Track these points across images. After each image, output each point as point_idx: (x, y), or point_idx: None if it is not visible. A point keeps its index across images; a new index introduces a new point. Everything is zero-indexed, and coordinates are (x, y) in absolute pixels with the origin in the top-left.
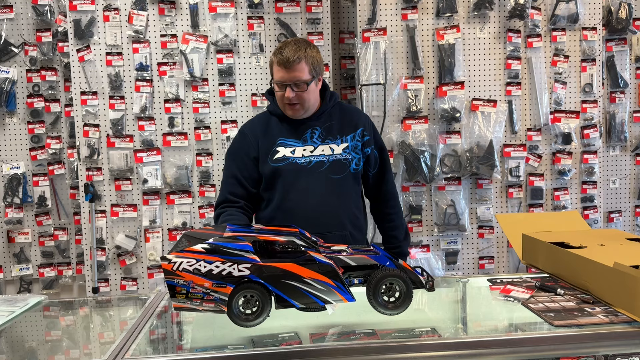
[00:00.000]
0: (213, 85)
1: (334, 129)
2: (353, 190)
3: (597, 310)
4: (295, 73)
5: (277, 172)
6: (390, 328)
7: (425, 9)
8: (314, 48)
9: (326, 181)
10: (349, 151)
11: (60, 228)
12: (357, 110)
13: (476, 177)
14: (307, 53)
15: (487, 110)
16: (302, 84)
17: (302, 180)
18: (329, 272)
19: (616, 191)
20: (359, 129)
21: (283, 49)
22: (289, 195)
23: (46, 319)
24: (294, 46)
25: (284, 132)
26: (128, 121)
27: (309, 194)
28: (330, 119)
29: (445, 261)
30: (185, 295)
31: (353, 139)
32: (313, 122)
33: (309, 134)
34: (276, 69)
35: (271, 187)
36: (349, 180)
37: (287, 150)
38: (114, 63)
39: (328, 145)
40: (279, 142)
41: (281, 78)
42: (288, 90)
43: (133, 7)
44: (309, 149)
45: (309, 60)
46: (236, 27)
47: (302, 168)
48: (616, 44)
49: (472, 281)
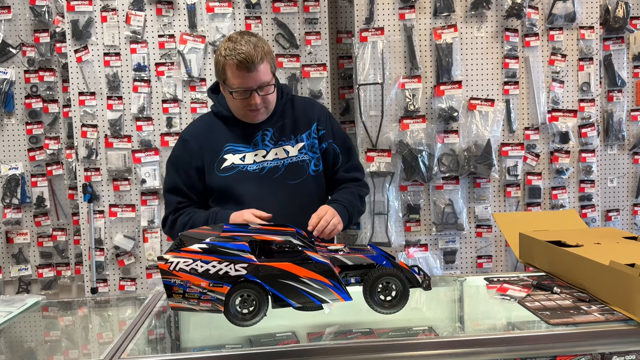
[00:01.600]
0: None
1: (286, 129)
2: (316, 195)
3: (594, 309)
4: (259, 75)
5: (226, 183)
6: (387, 327)
7: (423, 8)
8: (265, 43)
9: (283, 189)
10: (305, 151)
11: (59, 228)
12: (310, 103)
13: (474, 176)
14: (265, 50)
15: (484, 109)
16: (267, 86)
17: (255, 190)
18: (325, 272)
19: (614, 190)
20: (313, 124)
21: (239, 49)
22: (242, 207)
23: (44, 319)
24: (249, 43)
25: (231, 137)
26: (126, 121)
27: (265, 206)
28: (282, 118)
29: (443, 260)
30: (182, 295)
31: (309, 137)
32: (263, 124)
33: (259, 137)
34: (235, 74)
35: (221, 201)
36: (309, 184)
37: (235, 157)
38: (111, 63)
39: (282, 147)
40: (226, 148)
41: (243, 84)
42: (254, 96)
43: (131, 7)
44: (261, 153)
45: (268, 57)
46: (234, 27)
47: (254, 176)
48: (613, 42)
49: (469, 280)
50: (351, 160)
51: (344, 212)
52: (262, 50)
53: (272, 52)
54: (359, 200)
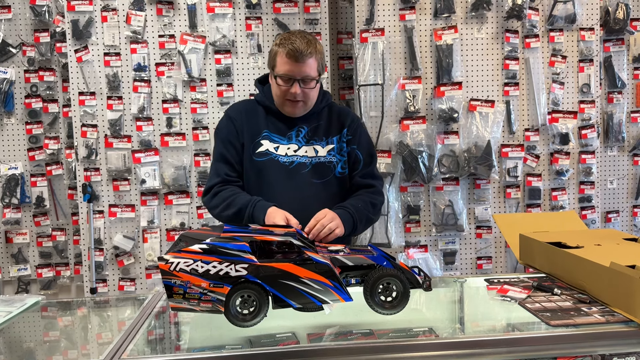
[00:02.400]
0: (211, 86)
1: (320, 130)
2: (338, 196)
3: (594, 310)
4: (305, 68)
5: (258, 168)
6: (387, 328)
7: (423, 9)
8: (320, 44)
9: (308, 185)
10: (334, 154)
11: (59, 228)
12: (346, 111)
13: (474, 177)
14: (317, 48)
15: (484, 110)
16: (310, 80)
17: (283, 182)
18: (326, 272)
19: (614, 191)
20: (344, 129)
21: (293, 40)
22: (268, 195)
23: (44, 319)
24: (304, 39)
25: (270, 126)
26: (126, 121)
27: (289, 198)
28: (318, 120)
29: (443, 261)
30: (182, 296)
31: (339, 141)
32: (301, 121)
33: (294, 132)
34: (284, 61)
35: (249, 184)
36: (333, 185)
37: (271, 145)
38: (112, 63)
39: (312, 146)
40: (264, 133)
41: (289, 71)
42: (295, 85)
43: (131, 7)
44: (293, 148)
45: (318, 56)
46: (234, 27)
47: (283, 168)
48: (614, 44)
49: (469, 281)
50: (370, 167)
51: (348, 218)
52: (314, 47)
53: (324, 54)
54: (370, 207)
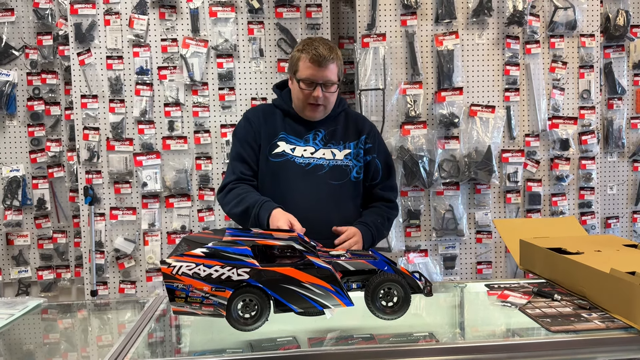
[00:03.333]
0: (213, 90)
1: (337, 134)
2: (352, 199)
3: (594, 316)
4: (327, 72)
5: (274, 169)
6: (388, 333)
7: (425, 15)
8: (339, 51)
9: (324, 186)
10: (350, 158)
11: (59, 231)
12: (362, 118)
13: (474, 182)
14: (337, 54)
15: (485, 115)
16: (331, 84)
17: (299, 182)
18: (327, 277)
19: (614, 197)
20: (362, 136)
21: (316, 46)
22: (282, 195)
23: (44, 321)
24: (326, 45)
25: (287, 128)
26: (128, 124)
27: (305, 198)
28: (335, 124)
29: (443, 266)
30: (184, 299)
31: (356, 147)
32: (318, 124)
33: (312, 135)
34: (307, 66)
35: (265, 183)
36: (348, 187)
37: (287, 147)
38: (114, 67)
39: (330, 149)
40: (280, 135)
41: (312, 76)
42: (317, 89)
43: (134, 11)
44: (310, 150)
45: (338, 62)
46: (236, 31)
47: (299, 169)
48: (614, 50)
49: (469, 286)
50: (389, 179)
51: (368, 236)
52: (335, 53)
53: (342, 61)
54: (386, 223)
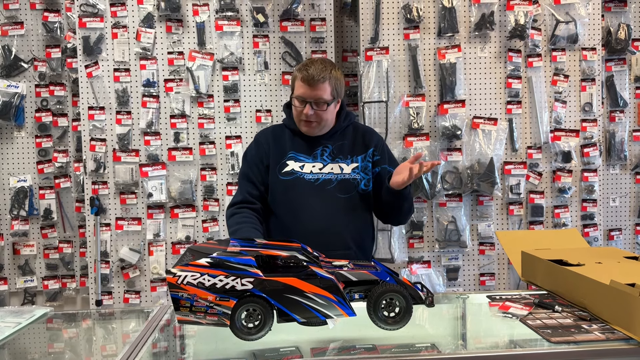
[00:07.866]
0: (218, 102)
1: (345, 149)
2: (361, 211)
3: (594, 328)
4: (318, 92)
5: (284, 187)
6: (390, 343)
7: (427, 29)
8: (338, 70)
9: (333, 200)
10: (358, 171)
11: (65, 241)
12: (370, 131)
13: (477, 194)
14: (332, 74)
15: (487, 128)
16: (322, 103)
17: (310, 197)
18: (330, 287)
19: (616, 209)
20: (369, 149)
21: (309, 67)
22: (294, 211)
23: (50, 331)
24: (320, 65)
25: (295, 146)
26: (134, 136)
27: (315, 212)
28: (342, 138)
29: (446, 277)
30: (189, 309)
31: (364, 160)
32: (325, 140)
33: (319, 151)
34: (299, 85)
35: (277, 201)
36: (356, 199)
37: (296, 165)
38: (121, 79)
39: (338, 164)
40: (289, 155)
41: (302, 94)
42: (307, 107)
43: (141, 24)
44: (318, 166)
45: (332, 81)
46: (242, 45)
47: (308, 185)
48: (615, 64)
49: (471, 297)
50: None
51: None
52: (328, 73)
53: (341, 81)
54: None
